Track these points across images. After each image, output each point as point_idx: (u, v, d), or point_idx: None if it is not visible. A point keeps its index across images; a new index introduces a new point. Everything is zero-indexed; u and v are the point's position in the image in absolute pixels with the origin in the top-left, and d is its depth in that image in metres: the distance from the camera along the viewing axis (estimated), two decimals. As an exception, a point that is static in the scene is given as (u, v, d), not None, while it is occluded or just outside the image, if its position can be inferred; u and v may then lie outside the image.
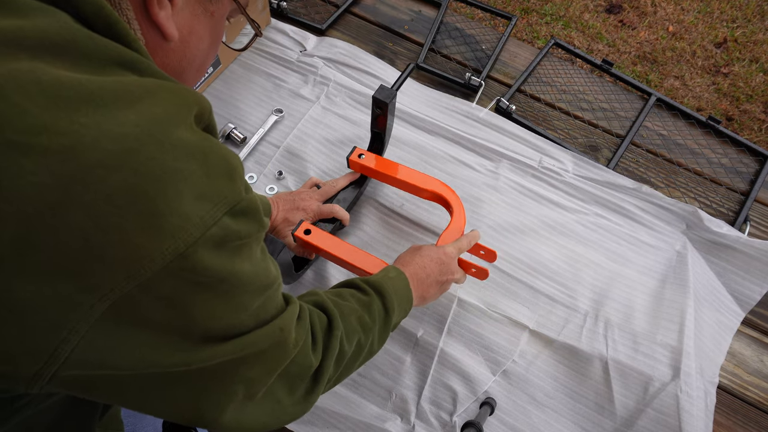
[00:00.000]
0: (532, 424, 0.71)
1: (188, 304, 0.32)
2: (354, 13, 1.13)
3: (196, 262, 0.31)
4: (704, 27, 2.05)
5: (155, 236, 0.29)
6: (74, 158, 0.27)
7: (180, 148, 0.30)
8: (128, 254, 0.28)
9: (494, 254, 0.76)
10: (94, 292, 0.28)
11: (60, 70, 0.29)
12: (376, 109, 0.76)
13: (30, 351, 0.29)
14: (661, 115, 1.02)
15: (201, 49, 0.44)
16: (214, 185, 0.32)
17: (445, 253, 0.68)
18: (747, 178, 0.94)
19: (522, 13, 2.13)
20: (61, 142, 0.27)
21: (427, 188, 0.79)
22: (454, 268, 0.69)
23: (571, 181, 0.90)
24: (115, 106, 0.29)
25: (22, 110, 0.27)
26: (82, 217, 0.27)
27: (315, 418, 0.72)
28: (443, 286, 0.68)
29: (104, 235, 0.27)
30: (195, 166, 0.31)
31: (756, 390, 0.75)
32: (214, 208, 0.31)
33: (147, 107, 0.30)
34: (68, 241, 0.27)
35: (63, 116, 0.27)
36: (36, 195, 0.26)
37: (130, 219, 0.28)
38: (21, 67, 0.28)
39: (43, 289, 0.27)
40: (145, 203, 0.28)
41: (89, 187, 0.27)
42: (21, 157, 0.26)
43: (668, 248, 0.84)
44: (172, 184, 0.29)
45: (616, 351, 0.74)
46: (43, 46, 0.29)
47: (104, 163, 0.27)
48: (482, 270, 0.73)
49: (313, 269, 0.82)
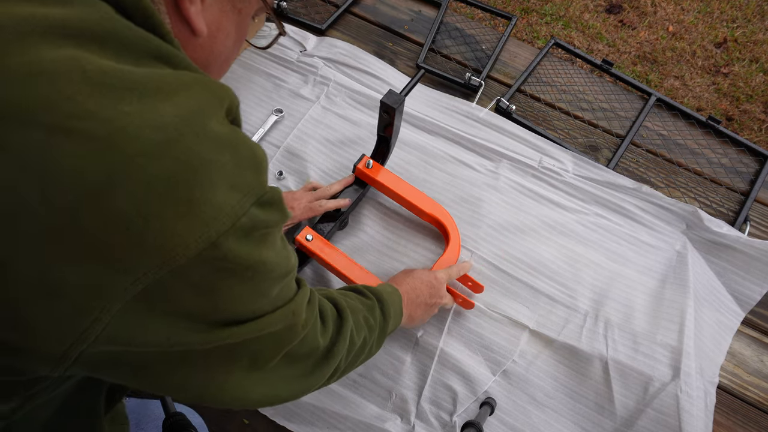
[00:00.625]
0: (532, 424, 0.71)
1: (215, 290, 0.33)
2: (354, 13, 1.13)
3: (226, 251, 0.32)
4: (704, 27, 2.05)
5: (191, 224, 0.30)
6: (118, 145, 0.28)
7: (214, 140, 0.31)
8: (165, 241, 0.29)
9: (481, 287, 0.78)
10: (129, 275, 0.29)
11: (102, 59, 0.29)
12: (384, 114, 0.76)
13: (62, 330, 0.29)
14: (661, 115, 1.02)
15: (227, 45, 0.45)
16: (244, 176, 0.33)
17: (435, 277, 0.73)
18: (747, 178, 0.94)
19: (522, 13, 2.13)
20: (106, 128, 0.27)
21: (428, 212, 0.80)
22: (442, 293, 0.73)
23: (571, 181, 0.90)
24: (156, 97, 0.30)
25: (68, 96, 0.27)
26: (123, 204, 0.28)
27: (315, 418, 0.72)
28: (430, 309, 0.72)
29: (144, 221, 0.28)
30: (227, 158, 0.32)
31: (756, 390, 0.75)
32: (244, 198, 0.32)
33: (184, 100, 0.31)
34: (109, 227, 0.28)
35: (107, 104, 0.28)
36: (80, 180, 0.27)
37: (170, 207, 0.29)
38: (66, 55, 0.28)
39: (80, 272, 0.28)
40: (184, 192, 0.29)
41: (132, 174, 0.28)
42: (67, 141, 0.27)
43: (668, 248, 0.84)
44: (208, 175, 0.30)
45: (616, 351, 0.74)
46: (85, 35, 0.30)
47: (146, 152, 0.28)
48: (468, 302, 0.76)
49: (312, 269, 0.82)
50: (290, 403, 0.72)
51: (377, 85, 1.00)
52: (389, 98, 0.73)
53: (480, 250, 0.83)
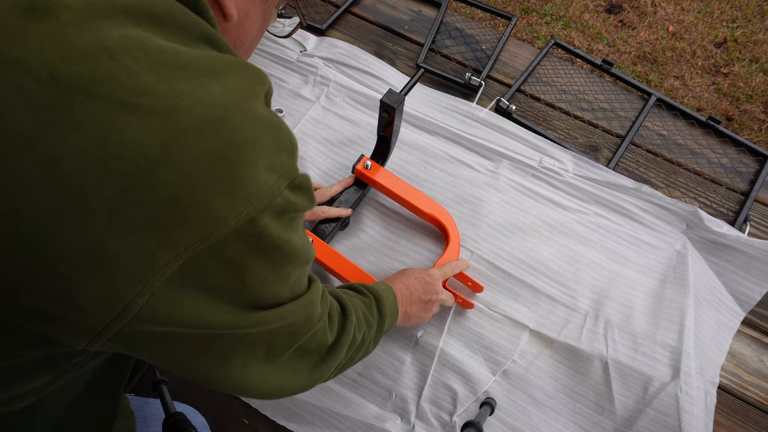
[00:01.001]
0: (532, 424, 0.71)
1: (245, 268, 0.34)
2: (354, 13, 1.13)
3: (261, 228, 0.33)
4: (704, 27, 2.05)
5: (233, 200, 0.31)
6: (173, 120, 0.29)
7: (258, 120, 0.33)
8: (208, 215, 0.30)
9: (481, 287, 0.78)
10: (171, 250, 0.30)
11: (159, 39, 0.31)
12: (384, 114, 0.76)
13: (106, 303, 0.30)
14: (661, 115, 1.02)
15: (253, 32, 0.46)
16: (281, 158, 0.34)
17: (429, 274, 0.73)
18: (747, 178, 0.94)
19: (522, 13, 2.13)
20: (162, 104, 0.29)
21: (428, 212, 0.80)
22: (438, 289, 0.72)
23: (571, 181, 0.90)
24: (206, 77, 0.31)
25: (130, 72, 0.29)
26: (174, 177, 0.29)
27: (315, 417, 0.72)
28: (427, 306, 0.71)
29: (191, 194, 0.29)
30: (269, 138, 0.33)
31: (756, 390, 0.75)
32: (280, 179, 0.34)
33: (231, 80, 0.33)
34: (160, 199, 0.29)
35: (164, 81, 0.30)
36: (138, 152, 0.28)
37: (215, 182, 0.30)
38: (128, 34, 0.30)
39: (130, 243, 0.29)
40: (229, 168, 0.31)
41: (183, 148, 0.29)
42: (128, 114, 0.28)
43: (668, 248, 0.84)
44: (252, 153, 0.32)
45: (616, 351, 0.74)
46: (145, 15, 0.31)
47: (197, 128, 0.30)
48: (468, 302, 0.76)
49: (312, 270, 0.82)
50: (290, 403, 0.72)
51: (377, 85, 1.00)
52: (389, 98, 0.73)
53: (480, 249, 0.83)
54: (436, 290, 0.72)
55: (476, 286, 0.78)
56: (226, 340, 0.37)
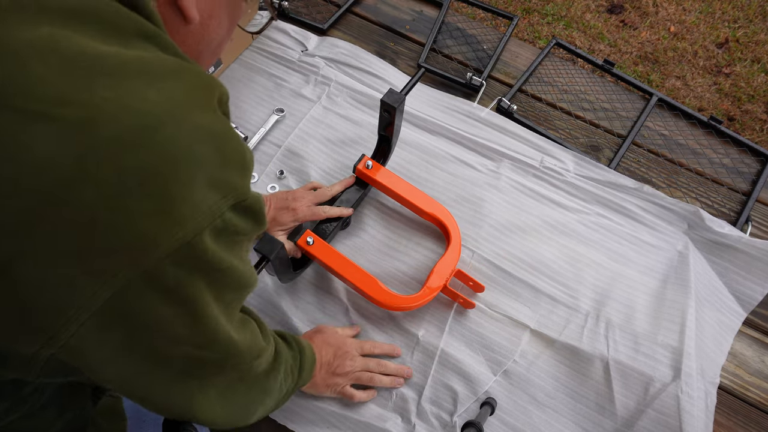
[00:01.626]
0: (532, 424, 0.71)
1: (187, 293, 0.32)
2: (355, 12, 1.13)
3: (200, 251, 0.30)
4: (706, 27, 2.05)
5: (164, 222, 0.28)
6: (92, 131, 0.26)
7: (199, 130, 0.30)
8: (134, 239, 0.27)
9: (482, 287, 0.78)
10: (97, 278, 0.27)
11: (83, 38, 0.28)
12: (385, 113, 0.76)
13: (30, 330, 0.28)
14: (663, 115, 1.01)
15: (219, 33, 0.43)
16: (226, 175, 0.31)
17: (344, 342, 0.71)
18: (749, 178, 0.94)
19: (523, 13, 2.13)
20: (79, 114, 0.26)
21: (429, 211, 0.80)
22: (347, 367, 0.69)
23: (572, 181, 0.89)
24: (138, 82, 0.28)
25: (41, 79, 0.26)
26: (92, 195, 0.26)
27: (316, 417, 0.72)
28: (331, 379, 0.69)
29: (112, 215, 0.27)
30: (211, 152, 0.30)
31: (757, 390, 0.75)
32: (223, 199, 0.31)
33: (170, 86, 0.29)
34: (76, 220, 0.26)
35: (83, 88, 0.27)
36: (50, 168, 0.26)
37: (141, 201, 0.27)
38: (42, 35, 0.27)
39: (47, 269, 0.27)
40: (158, 185, 0.27)
41: (103, 163, 0.26)
42: (40, 125, 0.25)
43: (670, 248, 0.84)
44: (187, 168, 0.28)
45: (617, 351, 0.74)
46: (65, 12, 0.28)
47: (121, 139, 0.27)
48: (469, 302, 0.76)
49: (313, 269, 0.82)
50: (291, 403, 0.72)
51: (378, 84, 1.00)
52: (390, 97, 0.73)
53: (481, 249, 0.83)
54: (344, 369, 0.69)
55: (477, 286, 0.78)
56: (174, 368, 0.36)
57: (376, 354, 0.74)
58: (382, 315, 0.78)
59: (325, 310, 0.79)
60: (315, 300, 0.80)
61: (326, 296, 0.80)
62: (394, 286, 0.80)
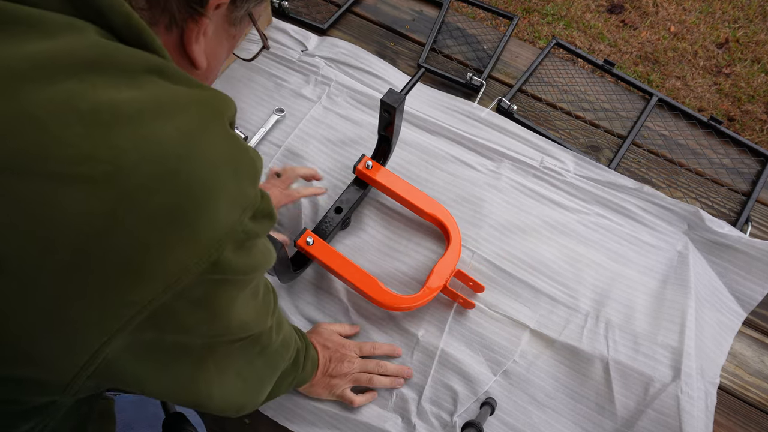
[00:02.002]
0: (532, 424, 0.71)
1: (214, 300, 0.34)
2: (355, 12, 1.13)
3: (226, 266, 0.32)
4: (706, 27, 2.05)
5: (193, 249, 0.30)
6: (117, 184, 0.27)
7: (217, 161, 0.31)
8: (168, 268, 0.29)
9: (482, 287, 0.78)
10: (134, 306, 0.29)
11: (98, 89, 0.29)
12: (385, 113, 0.76)
13: (70, 360, 0.30)
14: (663, 115, 1.01)
15: (219, 67, 0.46)
16: (243, 191, 0.33)
17: (342, 345, 0.72)
18: (748, 178, 0.94)
19: (523, 13, 2.13)
20: (103, 169, 0.27)
21: (429, 212, 0.80)
22: (344, 369, 0.70)
23: (572, 181, 0.89)
24: (154, 124, 0.29)
25: (62, 141, 0.27)
26: (126, 240, 0.28)
27: (316, 418, 0.72)
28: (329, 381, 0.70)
29: (146, 253, 0.28)
30: (229, 177, 0.32)
31: (757, 391, 0.75)
32: (242, 213, 0.33)
33: (184, 120, 0.31)
34: (114, 263, 0.28)
35: (103, 142, 0.27)
36: (83, 224, 0.27)
37: (172, 236, 0.29)
38: (58, 94, 0.27)
39: (87, 307, 0.28)
40: (185, 220, 0.29)
41: (132, 210, 0.28)
42: (65, 187, 0.26)
43: (669, 248, 0.84)
44: (210, 199, 0.30)
45: (617, 351, 0.74)
46: (76, 64, 0.29)
47: (146, 186, 0.28)
48: (469, 302, 0.76)
49: (313, 269, 0.82)
50: (291, 404, 0.72)
51: (379, 84, 1.00)
52: (389, 97, 0.73)
53: (481, 249, 0.83)
54: (342, 371, 0.70)
55: (477, 287, 0.78)
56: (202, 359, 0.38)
57: (375, 355, 0.74)
58: (382, 315, 0.78)
59: (325, 310, 0.79)
60: (315, 300, 0.80)
61: (326, 296, 0.80)
62: (394, 286, 0.80)
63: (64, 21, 0.30)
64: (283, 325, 0.54)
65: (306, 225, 0.84)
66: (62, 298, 0.28)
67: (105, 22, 0.31)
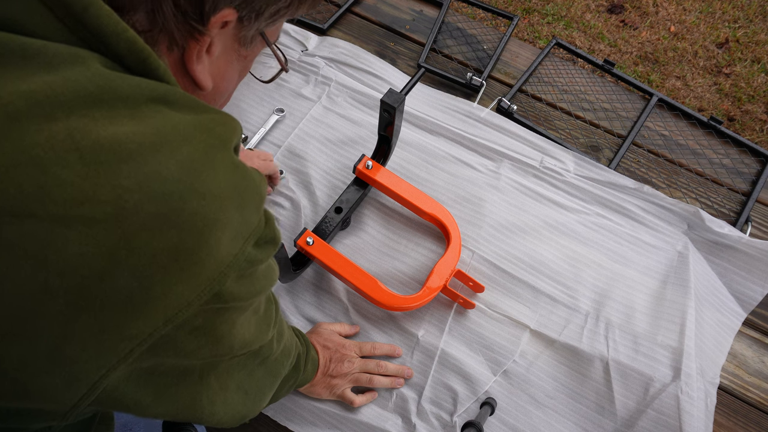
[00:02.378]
0: (532, 424, 0.71)
1: (215, 327, 0.35)
2: (355, 12, 1.13)
3: (227, 296, 0.33)
4: (706, 27, 2.05)
5: (195, 284, 0.30)
6: (118, 225, 0.27)
7: (221, 194, 0.31)
8: (169, 303, 0.29)
9: (482, 287, 0.78)
10: (133, 340, 0.29)
11: (98, 123, 0.28)
12: (385, 113, 0.76)
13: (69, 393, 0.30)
14: (663, 115, 1.01)
15: (229, 89, 0.45)
16: (247, 219, 0.33)
17: (342, 345, 0.72)
18: (748, 178, 0.94)
19: (523, 13, 2.13)
20: (104, 210, 0.26)
21: (429, 211, 0.80)
22: (344, 369, 0.70)
23: (572, 181, 0.89)
24: (156, 158, 0.28)
25: (62, 181, 0.26)
26: (126, 279, 0.27)
27: (316, 418, 0.72)
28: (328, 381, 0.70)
29: (147, 291, 0.28)
30: (233, 209, 0.32)
31: (757, 391, 0.75)
32: (245, 242, 0.33)
33: (187, 152, 0.30)
34: (113, 302, 0.28)
35: (104, 182, 0.27)
36: (83, 265, 0.26)
37: (173, 274, 0.29)
38: (58, 131, 0.26)
39: (85, 346, 0.28)
40: (188, 257, 0.29)
41: (134, 252, 0.27)
42: (65, 229, 0.26)
43: (669, 248, 0.84)
44: (213, 234, 0.30)
45: (617, 351, 0.74)
46: (78, 99, 0.28)
47: (148, 227, 0.28)
48: (469, 302, 0.76)
49: (313, 269, 0.82)
50: (291, 404, 0.72)
51: (379, 84, 1.00)
52: (389, 97, 0.73)
53: (481, 249, 0.83)
54: (343, 371, 0.70)
55: (477, 287, 0.78)
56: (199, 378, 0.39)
57: (375, 355, 0.74)
58: (382, 315, 0.78)
59: (325, 310, 0.79)
60: (315, 300, 0.80)
61: (326, 296, 0.80)
62: (394, 286, 0.80)
63: (66, 52, 0.29)
64: (284, 333, 0.54)
65: (306, 225, 0.84)
66: (60, 337, 0.27)
67: (109, 50, 0.30)
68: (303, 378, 0.64)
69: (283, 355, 0.54)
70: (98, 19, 0.29)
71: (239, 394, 0.45)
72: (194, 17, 0.34)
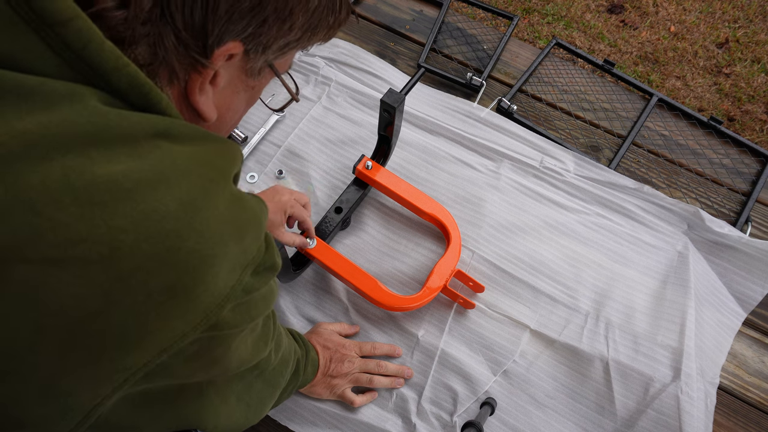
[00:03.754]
0: (532, 424, 0.71)
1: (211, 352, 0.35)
2: (355, 12, 1.12)
3: (222, 325, 0.32)
4: (706, 27, 2.05)
5: (191, 317, 0.30)
6: (114, 266, 0.26)
7: (219, 230, 0.30)
8: (165, 335, 0.29)
9: (482, 287, 0.78)
10: (128, 370, 0.29)
11: (94, 162, 0.27)
12: (384, 113, 0.76)
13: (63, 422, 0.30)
14: (663, 115, 1.01)
15: (235, 119, 0.44)
16: (245, 250, 0.33)
17: (342, 345, 0.72)
18: (748, 178, 0.94)
19: (523, 13, 2.13)
20: (99, 251, 0.26)
21: (429, 212, 0.80)
22: (344, 369, 0.70)
23: (572, 181, 0.89)
24: (153, 195, 0.28)
25: (56, 223, 0.25)
26: (122, 316, 0.27)
27: (316, 418, 0.72)
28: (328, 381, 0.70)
29: (143, 326, 0.28)
30: (231, 242, 0.31)
31: (757, 391, 0.75)
32: (243, 272, 0.33)
33: (185, 187, 0.29)
34: (109, 338, 0.28)
35: (100, 223, 0.26)
36: (77, 305, 0.26)
37: (169, 309, 0.29)
38: (52, 172, 0.26)
39: (82, 377, 0.28)
40: (184, 294, 0.29)
41: (129, 292, 0.27)
42: (59, 271, 0.25)
43: (669, 248, 0.84)
44: (210, 271, 0.30)
45: (617, 352, 0.74)
46: (74, 138, 0.27)
47: (144, 268, 0.27)
48: (469, 302, 0.76)
49: (313, 269, 0.82)
50: (291, 404, 0.72)
51: (379, 85, 1.00)
52: (389, 97, 0.73)
53: (481, 249, 0.83)
54: (343, 371, 0.70)
55: (477, 287, 0.78)
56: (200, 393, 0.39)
57: (375, 355, 0.74)
58: (382, 315, 0.78)
59: (324, 310, 0.79)
60: (315, 300, 0.80)
61: (326, 296, 0.80)
62: (394, 287, 0.80)
63: (63, 89, 0.28)
64: (282, 342, 0.53)
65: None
66: (54, 373, 0.27)
67: (110, 86, 0.30)
68: (303, 380, 0.64)
69: (282, 365, 0.54)
70: (99, 54, 0.28)
71: (240, 406, 0.45)
72: (197, 50, 0.33)
